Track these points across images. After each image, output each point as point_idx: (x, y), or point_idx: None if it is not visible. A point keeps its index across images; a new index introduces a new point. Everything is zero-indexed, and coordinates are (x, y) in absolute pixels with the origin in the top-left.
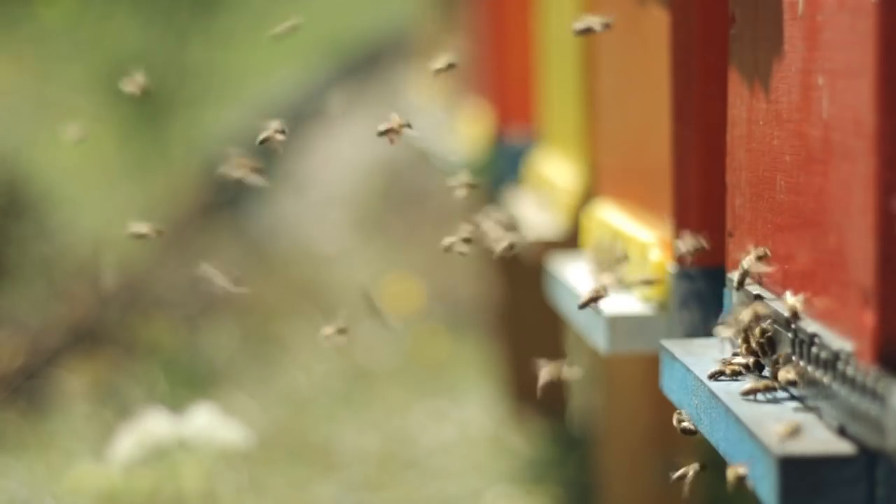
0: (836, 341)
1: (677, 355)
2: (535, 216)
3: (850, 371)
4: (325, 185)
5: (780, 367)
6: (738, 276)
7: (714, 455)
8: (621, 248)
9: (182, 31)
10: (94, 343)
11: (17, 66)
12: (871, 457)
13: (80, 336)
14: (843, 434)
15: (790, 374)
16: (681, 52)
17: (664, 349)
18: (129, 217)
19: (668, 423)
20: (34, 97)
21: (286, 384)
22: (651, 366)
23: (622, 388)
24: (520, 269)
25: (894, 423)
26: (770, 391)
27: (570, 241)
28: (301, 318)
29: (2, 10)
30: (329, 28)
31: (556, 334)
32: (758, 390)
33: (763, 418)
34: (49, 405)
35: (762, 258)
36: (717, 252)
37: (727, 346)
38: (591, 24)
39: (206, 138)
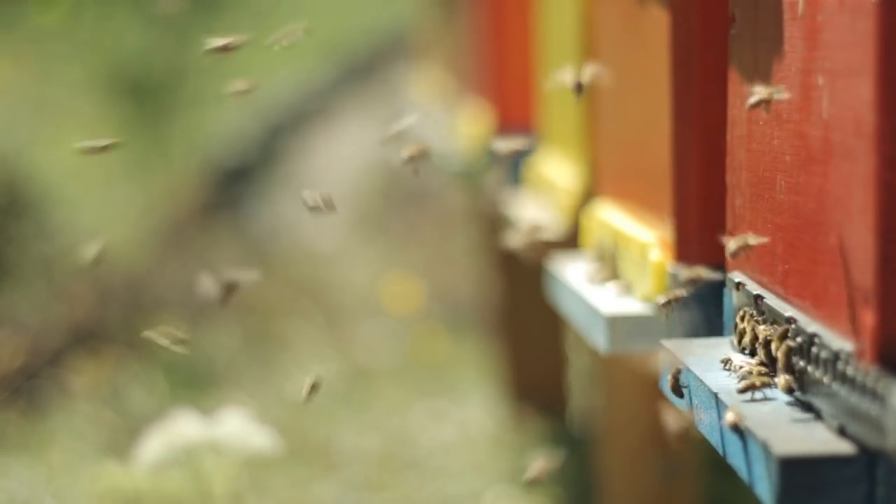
0: (836, 341)
1: (677, 355)
2: (534, 216)
3: (850, 371)
4: (325, 185)
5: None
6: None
7: (714, 455)
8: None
9: (182, 31)
10: (95, 343)
11: (17, 67)
12: (871, 457)
13: (81, 336)
14: (843, 434)
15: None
16: (681, 52)
17: (664, 349)
18: (129, 217)
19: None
20: (34, 97)
21: (286, 384)
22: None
23: (622, 388)
24: (520, 269)
25: (894, 423)
26: (767, 388)
27: (570, 241)
28: (301, 317)
29: (1, 11)
30: (329, 28)
31: (556, 334)
32: (755, 387)
33: (763, 418)
34: (50, 405)
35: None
36: (718, 252)
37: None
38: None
39: (206, 138)
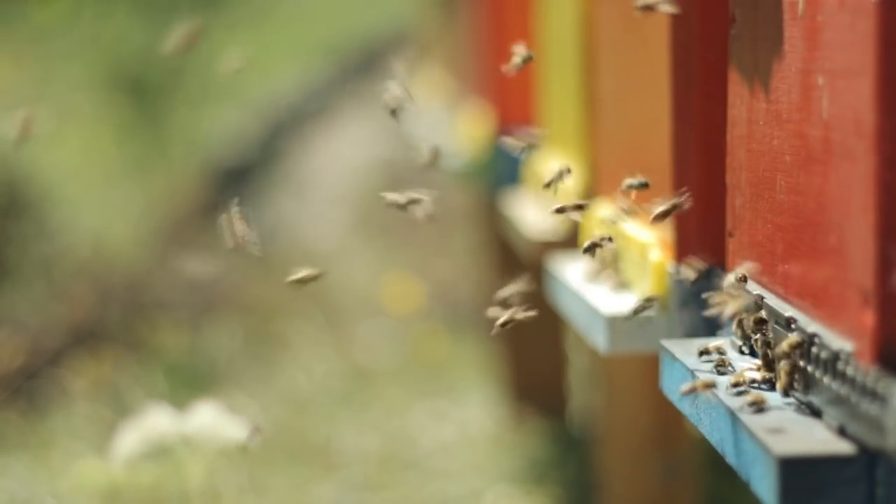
0: (836, 341)
1: (677, 355)
2: (535, 216)
3: (850, 371)
4: (325, 185)
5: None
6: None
7: (714, 455)
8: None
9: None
10: (95, 343)
11: (17, 66)
12: (871, 457)
13: (81, 336)
14: (843, 434)
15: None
16: (681, 52)
17: (664, 349)
18: (129, 217)
19: (668, 423)
20: (34, 97)
21: (286, 384)
22: (651, 366)
23: (622, 388)
24: (520, 269)
25: (894, 423)
26: (756, 384)
27: (570, 241)
28: (301, 317)
29: (1, 9)
30: (329, 28)
31: (556, 334)
32: (743, 383)
33: (763, 418)
34: (49, 405)
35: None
36: (718, 252)
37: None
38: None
39: (206, 138)
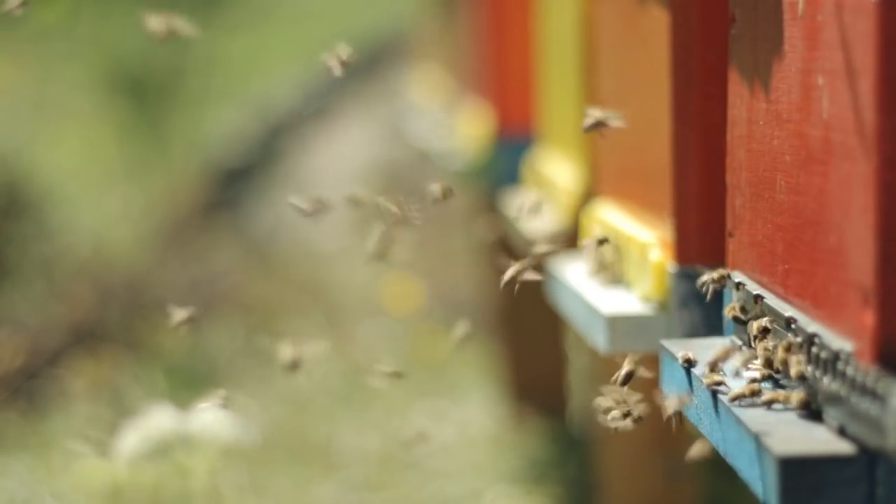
0: (836, 341)
1: (677, 355)
2: (534, 216)
3: (850, 371)
4: (325, 185)
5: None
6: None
7: (714, 455)
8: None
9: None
10: (95, 343)
11: (17, 66)
12: (871, 457)
13: (81, 336)
14: (843, 434)
15: (798, 366)
16: (681, 52)
17: (664, 349)
18: (129, 217)
19: (668, 424)
20: (34, 97)
21: (286, 384)
22: (651, 366)
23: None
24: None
25: (894, 423)
26: (757, 395)
27: (570, 241)
28: (302, 317)
29: (1, 11)
30: (329, 28)
31: (556, 334)
32: (744, 396)
33: (763, 418)
34: (49, 405)
35: None
36: (718, 252)
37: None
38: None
39: (206, 138)
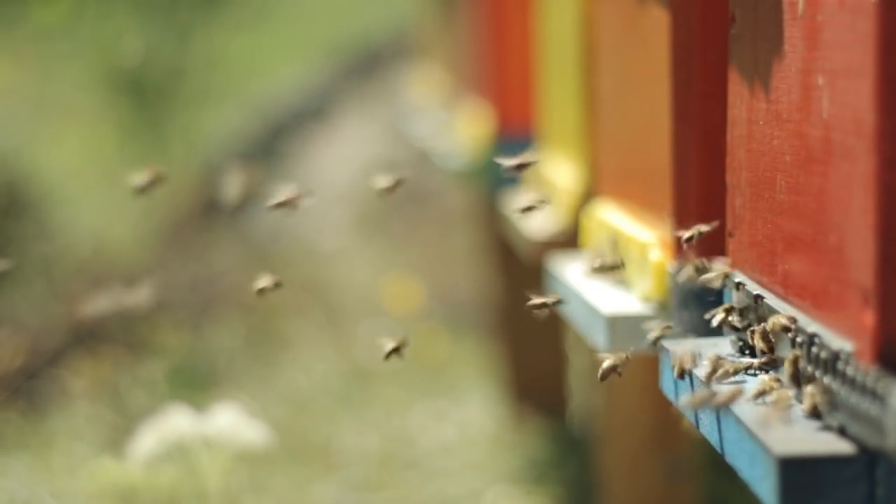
0: (836, 341)
1: (673, 364)
2: (534, 216)
3: (850, 371)
4: (325, 185)
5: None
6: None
7: (714, 455)
8: (617, 248)
9: (182, 31)
10: (95, 343)
11: (17, 66)
12: (871, 457)
13: (81, 336)
14: (843, 434)
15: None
16: (681, 52)
17: (664, 349)
18: (129, 217)
19: (668, 423)
20: (34, 97)
21: (286, 384)
22: (651, 366)
23: (622, 388)
24: (520, 269)
25: (894, 423)
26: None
27: (570, 241)
28: (302, 317)
29: (1, 10)
30: (329, 28)
31: (556, 334)
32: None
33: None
34: (49, 405)
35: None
36: (718, 252)
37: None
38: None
39: (206, 138)
